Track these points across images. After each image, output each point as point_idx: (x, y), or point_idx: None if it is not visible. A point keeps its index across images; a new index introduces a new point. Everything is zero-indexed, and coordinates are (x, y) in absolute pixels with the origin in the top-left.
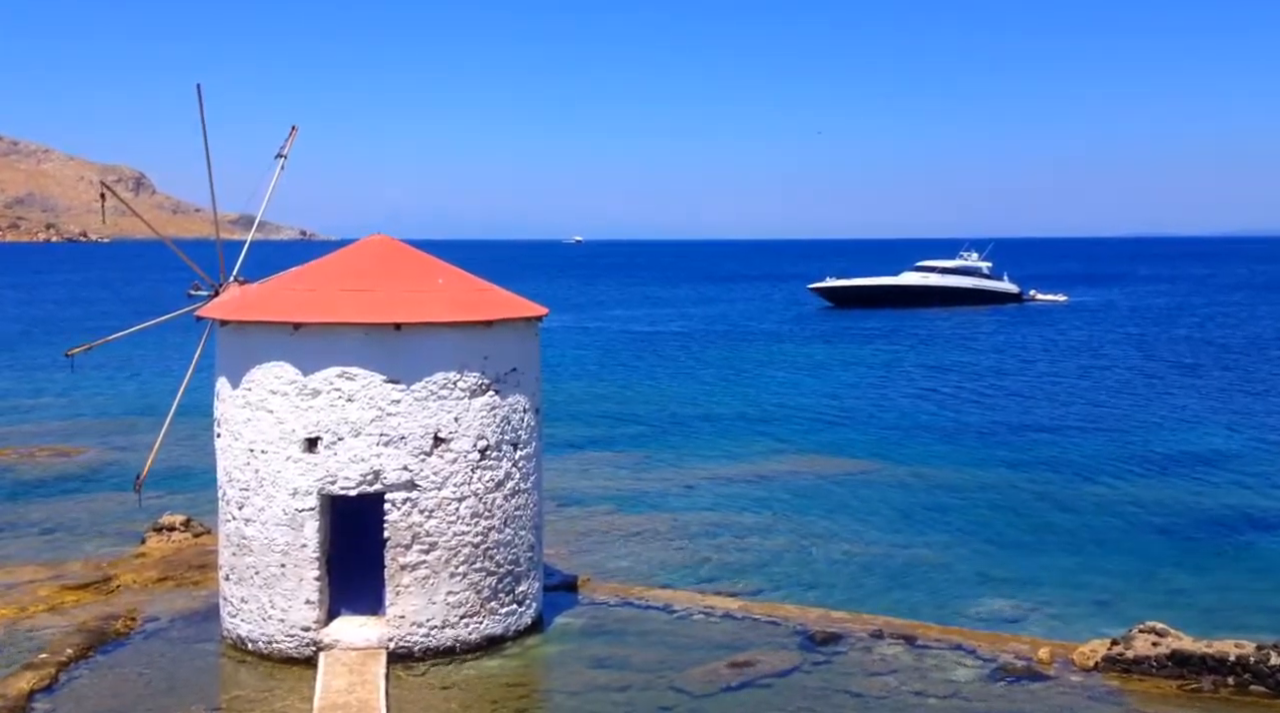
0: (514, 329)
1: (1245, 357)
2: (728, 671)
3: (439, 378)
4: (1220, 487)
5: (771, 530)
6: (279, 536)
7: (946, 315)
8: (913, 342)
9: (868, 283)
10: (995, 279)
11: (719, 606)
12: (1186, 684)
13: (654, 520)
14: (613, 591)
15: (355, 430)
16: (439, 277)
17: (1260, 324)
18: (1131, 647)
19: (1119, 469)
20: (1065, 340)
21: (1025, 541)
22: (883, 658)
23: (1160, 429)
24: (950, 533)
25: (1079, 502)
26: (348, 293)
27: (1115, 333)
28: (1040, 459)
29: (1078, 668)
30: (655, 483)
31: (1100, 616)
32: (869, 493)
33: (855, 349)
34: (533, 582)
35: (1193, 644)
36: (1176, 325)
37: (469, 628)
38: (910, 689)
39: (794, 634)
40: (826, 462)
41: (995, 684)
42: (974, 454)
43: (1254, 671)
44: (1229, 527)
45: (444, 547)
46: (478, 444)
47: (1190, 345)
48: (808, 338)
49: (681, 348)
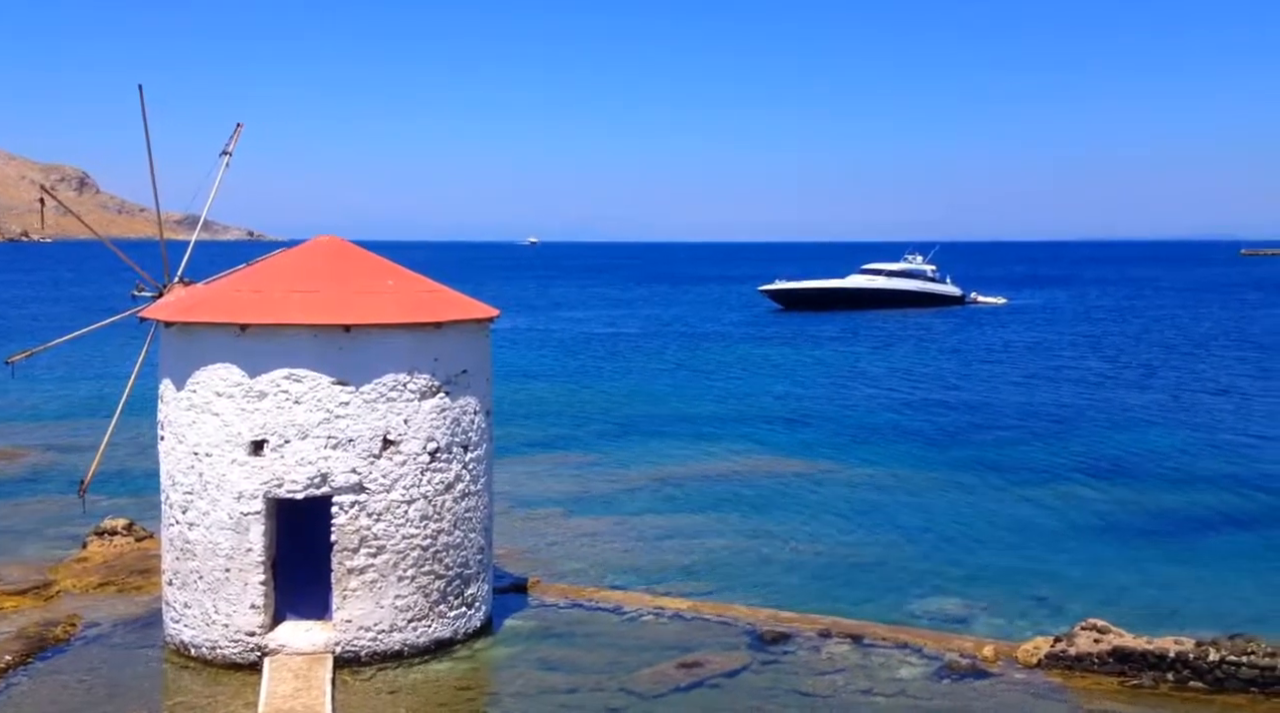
0: (464, 331)
1: (1188, 357)
2: (677, 671)
3: (388, 380)
4: (1161, 486)
5: (722, 531)
6: (223, 540)
7: (892, 317)
8: (860, 344)
9: (816, 285)
10: (939, 282)
11: (669, 606)
12: (1128, 681)
13: (605, 522)
14: (562, 592)
15: (302, 433)
16: (389, 278)
17: (1202, 325)
18: (1074, 644)
19: (1063, 469)
20: (1008, 342)
21: (971, 540)
22: (830, 657)
23: (1103, 429)
24: (898, 533)
25: (1024, 502)
26: (296, 294)
27: (1056, 334)
28: (986, 460)
29: (1021, 666)
30: (606, 484)
31: (1044, 614)
32: (819, 493)
33: (805, 351)
34: (482, 584)
35: (1134, 641)
36: (1117, 327)
37: (417, 632)
38: (857, 688)
39: (743, 634)
40: (777, 462)
41: (941, 683)
42: (921, 455)
43: (1193, 667)
44: (1170, 525)
45: (392, 550)
46: (427, 446)
47: (1132, 346)
48: (759, 340)
49: (634, 349)
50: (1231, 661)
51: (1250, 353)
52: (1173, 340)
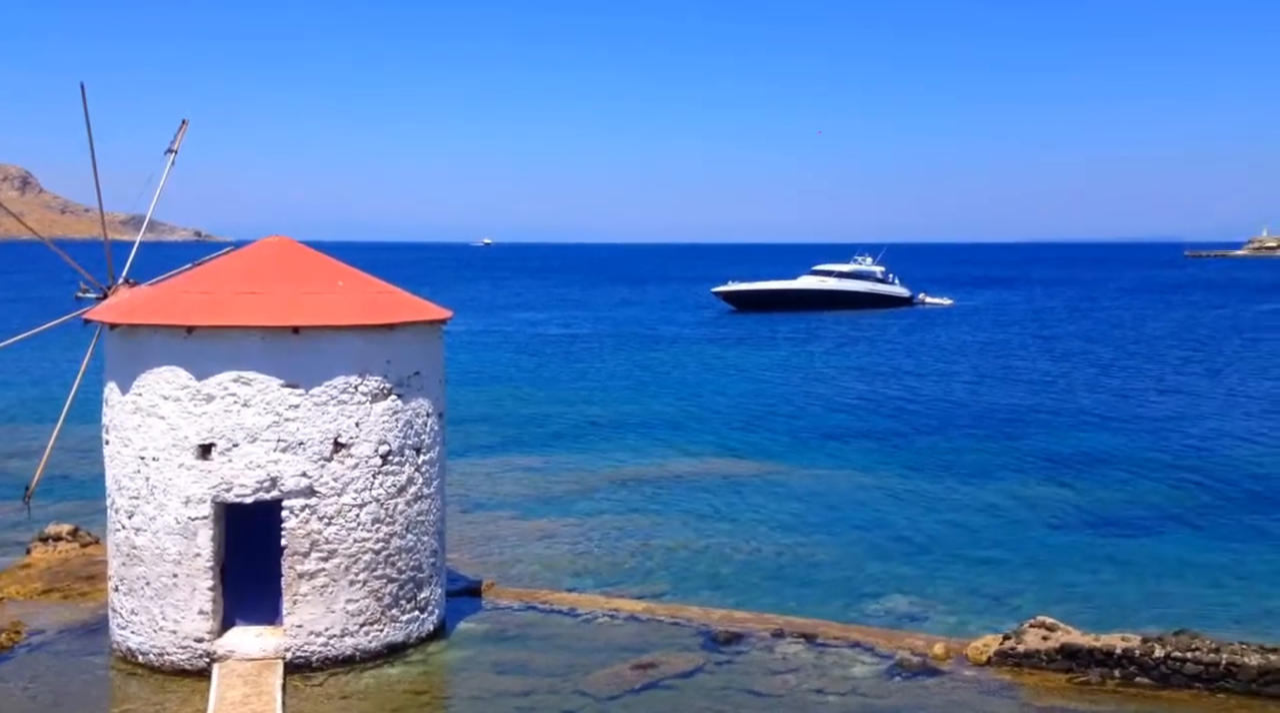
0: (417, 332)
1: (1136, 356)
2: (632, 673)
3: (339, 382)
4: (1110, 484)
5: (677, 532)
6: (171, 545)
7: (843, 318)
8: (813, 345)
9: (768, 287)
10: (888, 283)
11: (624, 608)
12: (1075, 677)
13: (559, 524)
14: (517, 595)
15: (251, 436)
16: (339, 279)
17: (1150, 325)
18: (1023, 642)
19: (1014, 468)
20: (959, 343)
21: (923, 539)
22: (784, 657)
23: (1053, 428)
24: (851, 533)
25: (975, 501)
26: (244, 295)
27: (1007, 335)
28: (938, 460)
29: (972, 663)
30: (561, 486)
31: (994, 611)
32: (773, 494)
33: (759, 353)
34: (435, 588)
35: (1081, 638)
36: (1067, 327)
37: (369, 636)
38: (810, 687)
39: (697, 635)
40: (731, 464)
41: (892, 681)
42: (874, 455)
43: (1139, 663)
44: (1117, 523)
45: (344, 554)
46: (379, 449)
47: (1082, 346)
48: (713, 341)
49: (589, 351)
50: (1176, 657)
51: (1196, 352)
52: (1121, 340)
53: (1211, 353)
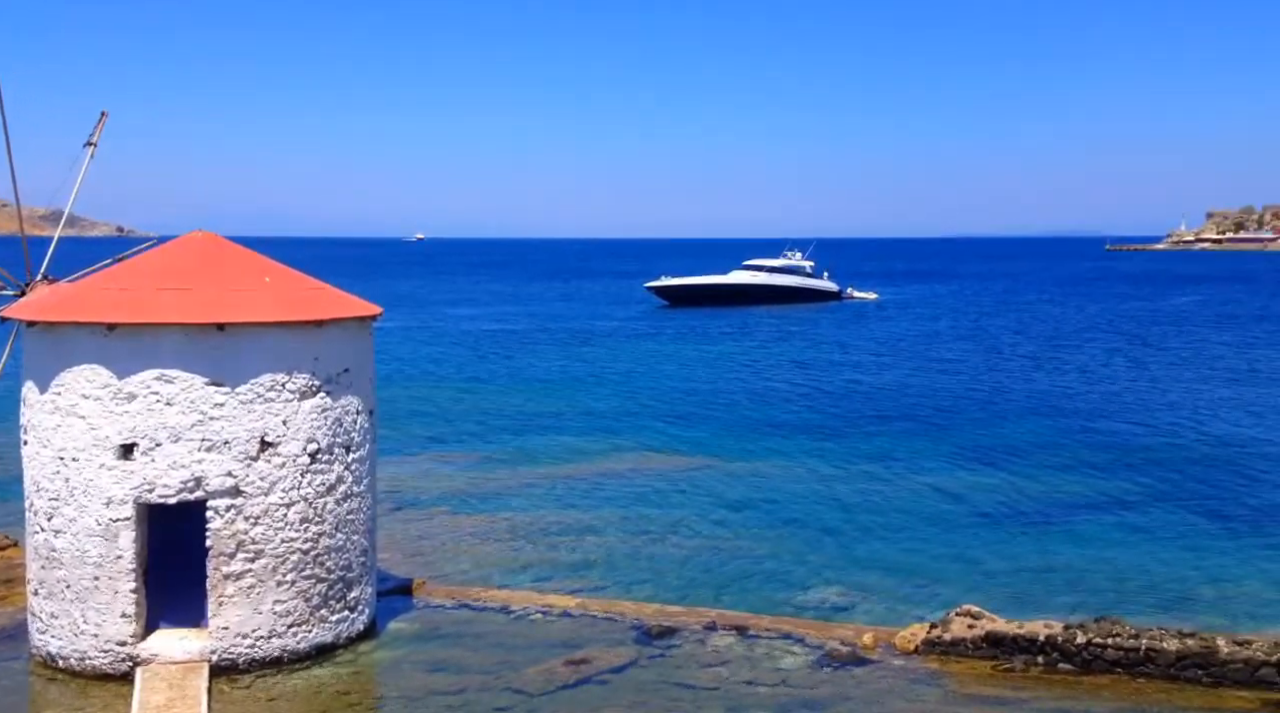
0: (346, 329)
1: (1062, 347)
2: (565, 669)
3: (266, 380)
4: (1034, 473)
5: (610, 528)
6: (92, 547)
7: (774, 312)
8: (745, 339)
9: (700, 282)
10: (817, 278)
11: (557, 604)
12: (1000, 664)
13: (492, 521)
14: (449, 593)
15: (174, 436)
16: (265, 275)
17: (1074, 317)
18: (949, 630)
19: (942, 458)
20: (888, 336)
21: (853, 530)
22: (715, 650)
23: (981, 419)
24: (782, 525)
25: (904, 491)
26: (167, 292)
27: (936, 327)
28: (868, 451)
29: (899, 652)
30: (494, 483)
31: (922, 601)
32: (705, 488)
33: (692, 347)
34: (365, 587)
35: (1005, 626)
36: (995, 319)
37: (297, 637)
38: (741, 679)
39: (630, 630)
40: (664, 458)
41: (822, 670)
42: (805, 448)
43: (1061, 649)
44: (1040, 512)
45: (271, 554)
46: (307, 448)
47: (1010, 337)
48: (647, 336)
49: (524, 346)
50: (1098, 643)
51: (1120, 343)
52: (1047, 332)
53: (1135, 343)
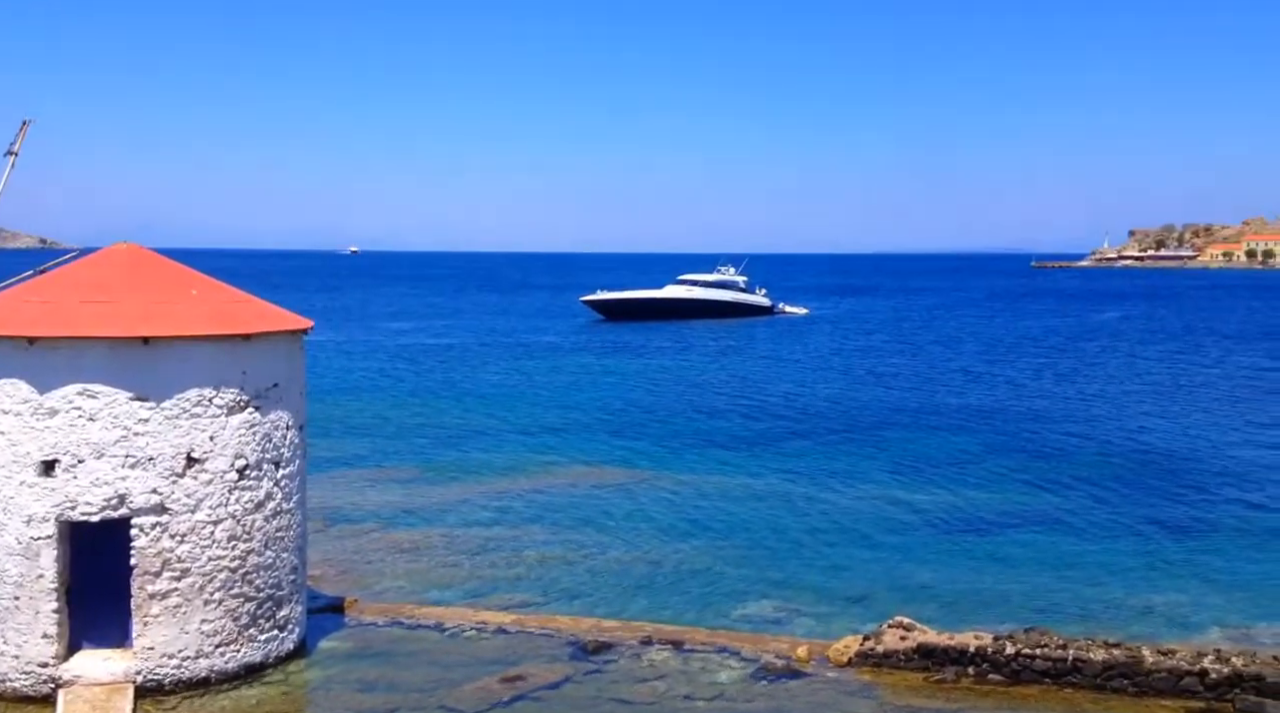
0: (275, 343)
1: (991, 363)
2: (499, 686)
3: (192, 395)
4: (963, 486)
5: (546, 543)
6: (12, 566)
7: (708, 327)
8: (680, 353)
9: (636, 296)
10: (750, 293)
11: (491, 620)
12: (931, 676)
13: (427, 537)
14: (381, 611)
15: (98, 452)
16: (192, 288)
17: (1001, 333)
18: (882, 642)
19: (874, 471)
20: (821, 349)
21: (788, 543)
22: (652, 664)
23: (909, 432)
24: (718, 539)
25: (837, 504)
26: (90, 305)
27: (866, 342)
28: (801, 465)
29: (833, 664)
30: (429, 498)
31: (855, 613)
32: (641, 502)
33: (627, 361)
34: (295, 605)
35: (936, 637)
36: (922, 335)
37: (225, 657)
38: (678, 693)
39: (566, 645)
40: (601, 472)
41: (758, 684)
42: (741, 461)
43: (991, 660)
44: (971, 523)
45: (198, 573)
46: (235, 464)
47: (937, 352)
48: (582, 350)
49: (459, 360)
50: (1026, 653)
51: (1049, 358)
52: (977, 347)
53: (1063, 358)
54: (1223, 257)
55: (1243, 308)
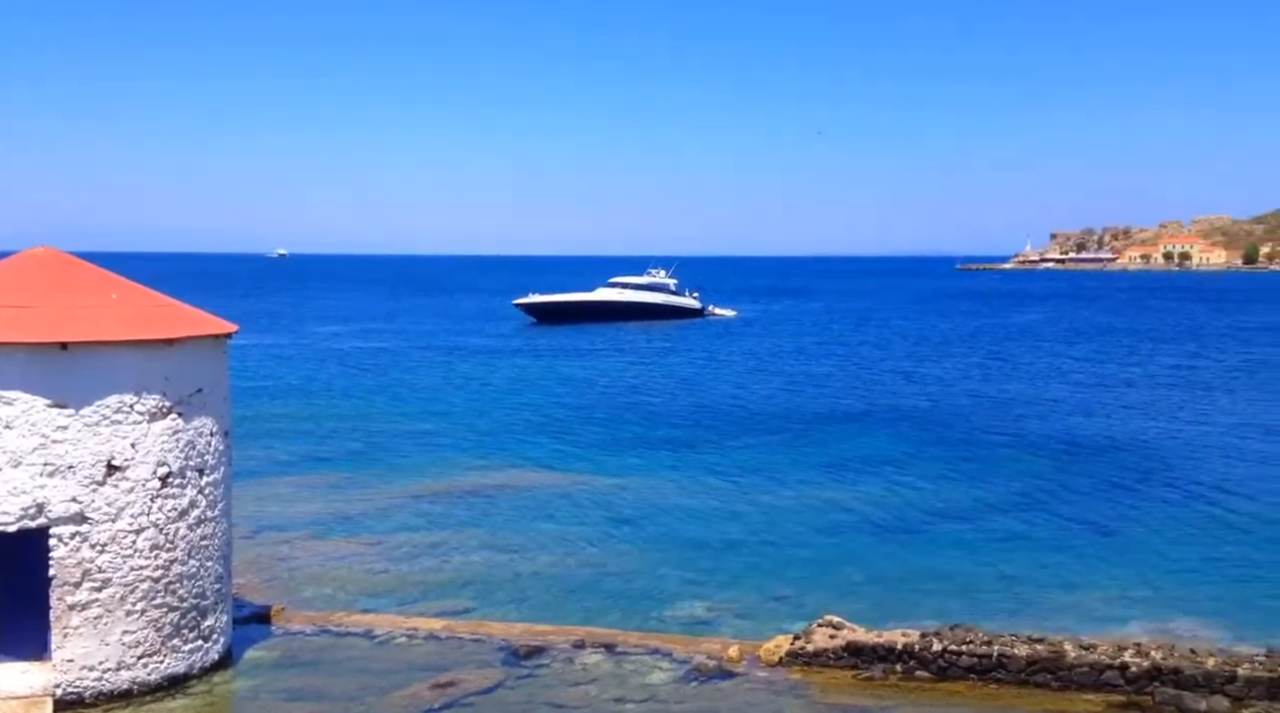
0: (199, 347)
1: (920, 363)
2: (430, 693)
3: (113, 401)
4: (891, 484)
5: (478, 547)
6: None
7: (639, 329)
8: (611, 355)
9: (568, 299)
10: (680, 295)
11: (422, 627)
12: (860, 673)
13: (356, 543)
14: (309, 619)
15: (14, 460)
16: (112, 292)
17: (926, 333)
18: (811, 641)
19: (802, 471)
20: (752, 351)
21: (718, 544)
22: (584, 668)
23: (837, 431)
24: (651, 540)
25: (767, 504)
26: (6, 310)
27: (797, 342)
28: (731, 465)
29: (764, 664)
30: (360, 504)
31: (786, 612)
32: (575, 505)
33: (559, 363)
34: (221, 615)
35: (865, 636)
36: (853, 335)
37: (148, 668)
38: (610, 697)
39: (498, 650)
40: (534, 476)
41: (689, 685)
42: (671, 462)
43: (918, 657)
44: (898, 521)
45: (119, 583)
46: (158, 471)
47: (867, 352)
48: (514, 353)
49: (390, 364)
50: (953, 650)
51: (977, 357)
52: (906, 347)
53: (990, 357)
54: (1141, 259)
55: (1161, 309)
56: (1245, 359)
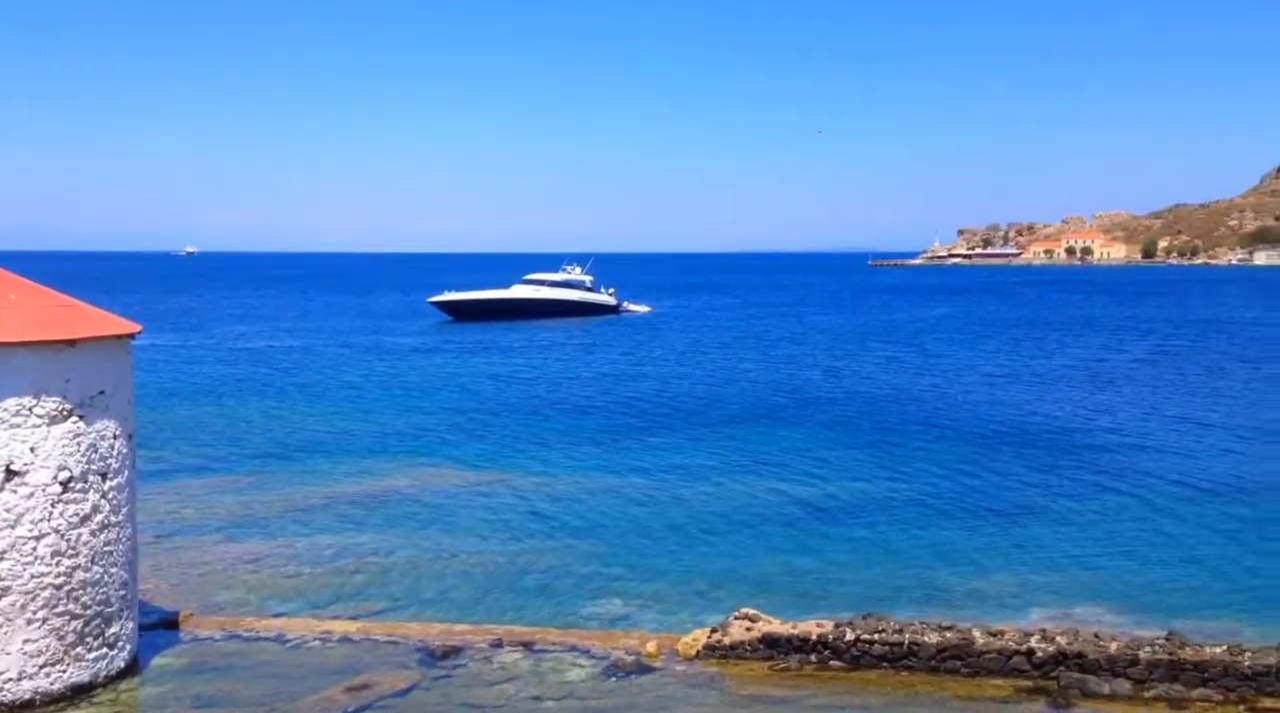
0: (101, 349)
1: (838, 357)
2: (343, 696)
3: (10, 404)
4: (807, 477)
5: (395, 548)
6: None
7: (556, 326)
8: (527, 353)
9: (483, 296)
10: (596, 292)
11: (336, 630)
12: (776, 664)
13: (268, 546)
14: (219, 624)
15: None
16: (10, 292)
17: (841, 328)
18: (728, 634)
19: (717, 467)
20: (670, 347)
21: (638, 540)
22: (502, 667)
23: (754, 426)
24: (570, 537)
25: (684, 499)
26: None
27: (705, 338)
28: (648, 461)
29: (682, 658)
30: (272, 506)
31: (704, 606)
32: (493, 503)
33: (476, 362)
34: (126, 622)
35: (780, 627)
36: (772, 330)
37: (51, 678)
38: (528, 695)
39: (414, 652)
40: (452, 474)
41: (607, 681)
42: (588, 459)
43: (832, 647)
44: (813, 514)
45: (19, 591)
46: (59, 476)
47: (785, 348)
48: (430, 351)
49: (304, 363)
50: (865, 639)
51: (892, 351)
52: (823, 342)
53: (904, 351)
54: (1045, 254)
55: (1066, 302)
56: (1147, 350)
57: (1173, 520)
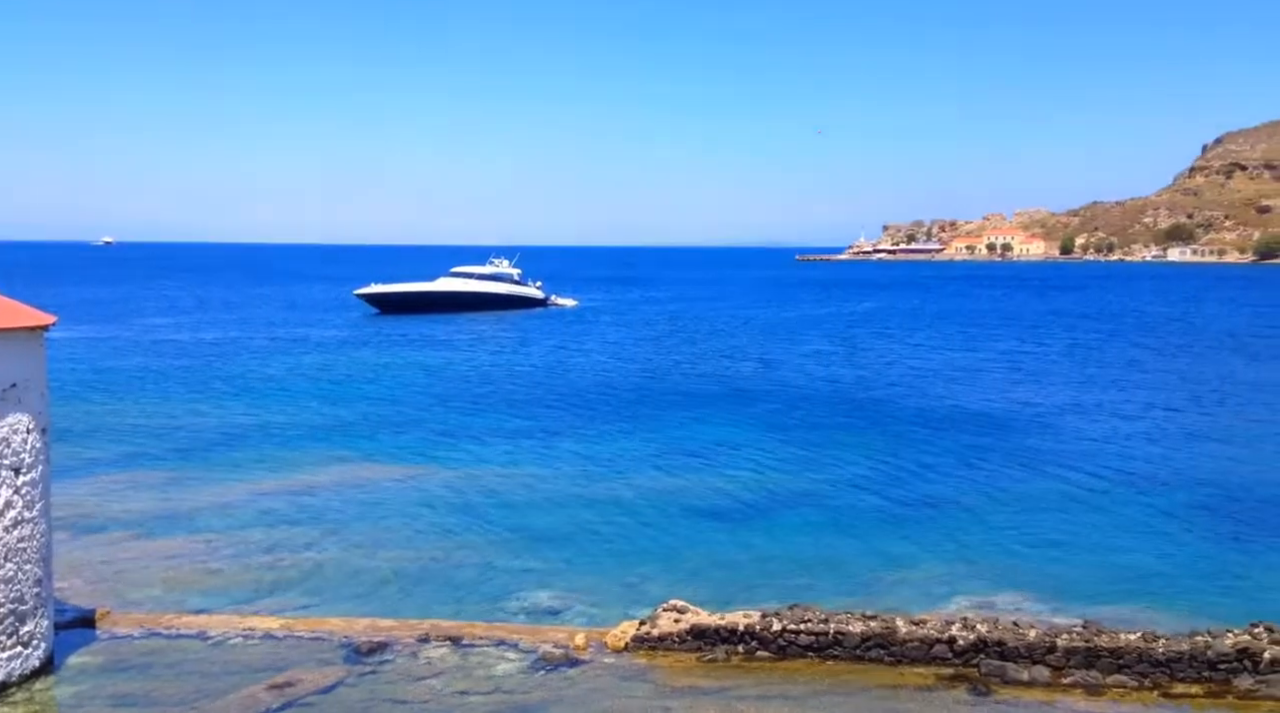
0: (13, 340)
1: (760, 348)
2: (266, 694)
3: None
4: (733, 469)
5: (318, 543)
6: None
7: (483, 319)
8: (453, 346)
9: (410, 289)
10: (524, 285)
11: (259, 626)
12: (704, 656)
13: (188, 542)
14: (137, 622)
15: None
16: None
17: (772, 322)
18: (657, 625)
19: (644, 459)
20: (600, 340)
21: (568, 532)
22: (429, 662)
23: (681, 418)
24: (499, 531)
25: (616, 492)
26: None
27: (634, 332)
28: (575, 453)
29: (611, 650)
30: (192, 502)
31: (632, 598)
32: (418, 498)
33: (402, 355)
34: (41, 620)
35: (708, 618)
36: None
37: None
38: (454, 690)
39: (339, 648)
40: (375, 469)
41: (535, 675)
42: (515, 452)
43: (759, 638)
44: (739, 505)
45: None
46: None
47: (714, 342)
48: (355, 344)
49: (227, 355)
50: (792, 629)
51: (823, 344)
52: (752, 334)
53: (834, 344)
54: (966, 249)
55: (988, 296)
56: (1067, 343)
57: (1090, 510)
